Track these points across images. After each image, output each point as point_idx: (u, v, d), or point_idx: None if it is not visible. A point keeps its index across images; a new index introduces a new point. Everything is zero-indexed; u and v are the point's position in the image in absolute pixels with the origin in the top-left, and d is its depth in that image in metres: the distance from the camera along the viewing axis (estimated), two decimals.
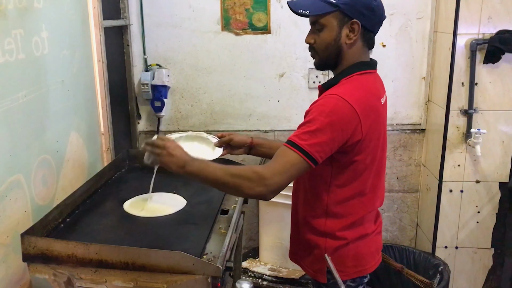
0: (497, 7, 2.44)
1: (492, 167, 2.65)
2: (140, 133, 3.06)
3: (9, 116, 1.52)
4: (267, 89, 2.94)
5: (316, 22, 1.49)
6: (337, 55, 1.50)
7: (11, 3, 1.53)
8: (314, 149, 1.36)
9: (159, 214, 1.69)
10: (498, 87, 2.54)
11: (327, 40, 1.48)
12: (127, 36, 2.82)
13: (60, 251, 1.34)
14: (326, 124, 1.36)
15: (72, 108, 2.02)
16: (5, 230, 1.49)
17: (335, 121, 1.37)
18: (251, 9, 2.81)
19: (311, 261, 1.62)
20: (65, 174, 1.94)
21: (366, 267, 1.61)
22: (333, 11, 1.45)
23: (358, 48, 1.50)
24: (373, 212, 1.62)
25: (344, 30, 1.46)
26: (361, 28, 1.45)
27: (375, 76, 1.55)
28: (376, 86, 1.52)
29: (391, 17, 2.79)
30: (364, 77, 1.49)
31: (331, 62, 1.53)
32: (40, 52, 1.73)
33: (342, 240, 1.55)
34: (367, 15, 1.45)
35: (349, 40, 1.47)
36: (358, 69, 1.49)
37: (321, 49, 1.51)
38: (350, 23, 1.45)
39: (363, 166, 1.49)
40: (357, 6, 1.43)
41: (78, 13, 2.09)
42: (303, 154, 1.36)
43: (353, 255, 1.57)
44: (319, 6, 1.46)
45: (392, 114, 2.95)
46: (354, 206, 1.54)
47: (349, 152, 1.44)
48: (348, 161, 1.46)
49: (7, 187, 1.51)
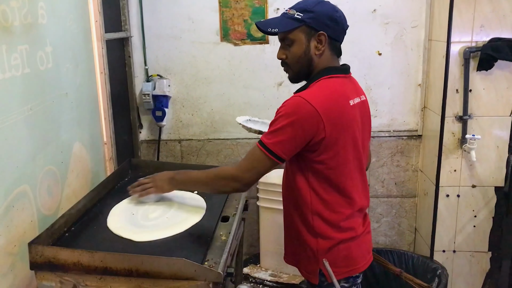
0: (489, 15, 2.49)
1: (487, 172, 2.70)
2: (142, 142, 3.11)
3: (15, 129, 1.57)
4: (266, 98, 3.00)
5: (285, 38, 1.60)
6: (308, 66, 1.60)
7: (17, 20, 1.58)
8: (277, 147, 1.50)
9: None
10: (491, 93, 2.59)
11: (297, 53, 1.59)
12: (129, 48, 2.88)
13: (66, 259, 1.39)
14: (287, 123, 1.48)
15: (75, 119, 2.07)
16: (12, 240, 1.54)
17: (295, 121, 1.47)
18: (249, 20, 2.87)
19: (304, 262, 1.70)
20: (69, 184, 1.99)
21: (358, 266, 1.67)
22: (299, 26, 1.56)
23: (327, 57, 1.60)
24: (360, 213, 1.69)
25: (312, 42, 1.57)
26: (328, 38, 1.56)
27: (344, 80, 1.62)
28: (343, 88, 1.59)
29: (386, 26, 2.86)
30: (331, 80, 1.58)
31: (303, 74, 1.63)
32: (44, 66, 1.78)
33: (332, 241, 1.61)
34: (332, 26, 1.56)
35: (318, 51, 1.57)
36: (325, 73, 1.59)
37: (293, 63, 1.61)
38: (317, 35, 1.56)
39: (334, 164, 1.56)
40: (321, 19, 1.54)
41: (81, 27, 2.14)
42: (267, 151, 1.51)
43: (344, 255, 1.63)
44: (286, 23, 1.57)
45: (389, 120, 3.00)
46: (336, 205, 1.61)
47: (315, 150, 1.53)
48: (318, 160, 1.55)
49: (14, 198, 1.56)
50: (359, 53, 2.90)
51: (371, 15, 2.85)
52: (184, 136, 3.10)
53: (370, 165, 3.05)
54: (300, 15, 1.55)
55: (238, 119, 2.58)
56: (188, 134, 3.10)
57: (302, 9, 1.56)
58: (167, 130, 3.09)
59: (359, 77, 2.90)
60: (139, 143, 3.09)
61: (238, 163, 1.59)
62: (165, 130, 3.09)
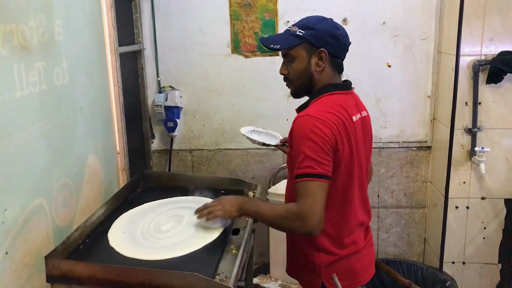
0: (498, 29, 2.51)
1: (497, 184, 2.71)
2: (153, 152, 3.16)
3: (32, 144, 1.62)
4: (276, 109, 3.03)
5: (287, 54, 1.64)
6: (309, 82, 1.63)
7: (35, 38, 1.63)
8: (318, 168, 1.46)
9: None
10: (501, 106, 2.60)
11: (298, 69, 1.62)
12: (141, 60, 2.94)
13: (81, 272, 1.43)
14: (313, 145, 1.47)
15: (90, 132, 2.11)
16: (29, 252, 1.58)
17: (317, 140, 1.47)
18: (259, 33, 2.91)
19: (306, 275, 1.71)
20: (84, 196, 2.04)
21: (360, 279, 1.69)
22: (301, 43, 1.59)
23: (328, 73, 1.62)
24: (361, 227, 1.71)
25: (313, 59, 1.60)
26: (329, 55, 1.59)
27: (345, 96, 1.64)
28: (345, 104, 1.60)
29: (396, 39, 2.88)
30: (332, 97, 1.60)
31: (305, 89, 1.66)
32: (60, 82, 1.83)
33: (334, 256, 1.63)
34: (332, 43, 1.58)
35: (319, 68, 1.60)
36: (326, 90, 1.61)
37: (295, 78, 1.64)
38: (318, 52, 1.58)
39: (338, 179, 1.57)
40: (322, 36, 1.57)
41: (95, 41, 2.19)
42: (313, 177, 1.45)
43: (346, 269, 1.65)
44: (288, 39, 1.61)
45: (399, 131, 3.02)
46: (338, 220, 1.62)
47: None
48: None
49: (31, 211, 1.60)
50: (369, 65, 2.93)
51: (381, 27, 2.88)
52: (195, 146, 3.14)
53: (380, 176, 3.08)
54: (302, 32, 1.58)
55: (242, 130, 2.52)
56: (199, 144, 3.14)
57: (304, 26, 1.59)
58: (178, 140, 3.14)
59: (368, 88, 2.95)
60: (151, 153, 3.14)
61: (299, 204, 1.47)
62: (177, 140, 3.14)
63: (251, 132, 2.58)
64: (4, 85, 1.45)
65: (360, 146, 1.64)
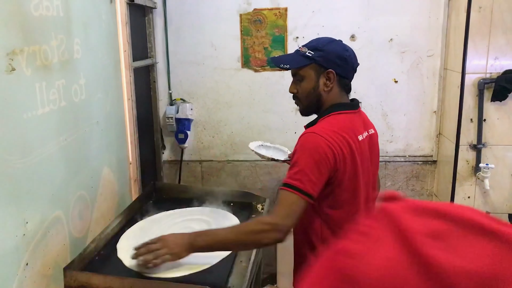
0: (503, 48, 2.56)
1: (501, 199, 2.75)
2: (164, 163, 3.23)
3: (51, 159, 1.69)
4: (284, 122, 3.09)
5: (297, 74, 1.69)
6: (317, 101, 1.69)
7: (55, 57, 1.71)
8: (308, 185, 1.50)
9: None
10: (506, 123, 2.65)
11: (307, 89, 1.67)
12: (154, 73, 3.01)
13: (98, 284, 1.50)
14: (311, 161, 1.52)
15: (104, 145, 2.19)
16: (47, 263, 1.65)
17: (317, 158, 1.52)
18: (269, 48, 2.98)
19: None
20: (98, 207, 2.11)
21: None
22: (309, 63, 1.65)
23: (336, 93, 1.68)
24: None
25: (321, 79, 1.65)
26: (337, 76, 1.64)
27: (352, 116, 1.69)
28: (352, 124, 1.66)
29: (402, 55, 2.94)
30: (340, 116, 1.65)
31: (313, 108, 1.72)
32: (78, 98, 1.90)
33: None
34: (341, 64, 1.64)
35: (327, 88, 1.65)
36: (333, 110, 1.66)
37: (303, 97, 1.70)
38: (326, 73, 1.64)
39: (343, 197, 1.62)
40: (330, 57, 1.63)
41: (111, 58, 2.27)
42: (299, 192, 1.50)
43: None
44: (297, 60, 1.67)
45: (405, 146, 3.07)
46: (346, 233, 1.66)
47: (329, 183, 1.59)
48: (329, 191, 1.61)
49: (50, 223, 1.67)
50: (376, 80, 2.99)
51: (388, 44, 2.94)
52: (205, 157, 3.21)
53: (386, 189, 3.12)
54: (311, 53, 1.64)
55: (251, 145, 2.58)
56: (209, 155, 3.21)
57: (313, 47, 1.65)
58: (188, 151, 3.21)
59: (375, 103, 3.01)
60: (161, 163, 3.21)
61: (272, 212, 1.53)
62: (187, 151, 3.21)
63: (260, 147, 2.64)
64: (27, 103, 1.52)
65: (366, 164, 1.69)
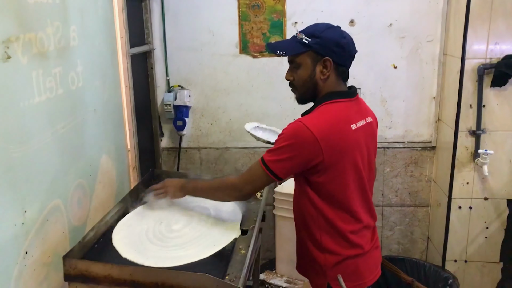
0: (503, 33, 2.54)
1: (499, 185, 2.75)
2: (163, 150, 3.22)
3: (49, 147, 1.68)
4: (283, 109, 3.08)
5: (293, 61, 1.68)
6: (313, 90, 1.67)
7: (52, 45, 1.69)
8: (275, 165, 1.60)
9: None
10: (505, 109, 2.64)
11: (303, 76, 1.66)
12: (151, 60, 2.99)
13: (97, 272, 1.50)
14: (286, 145, 1.57)
15: (102, 133, 2.17)
16: (47, 251, 1.65)
17: (293, 144, 1.56)
18: (267, 33, 2.96)
19: (313, 276, 1.78)
20: (97, 195, 2.10)
21: (365, 281, 1.74)
22: (306, 51, 1.62)
23: (333, 81, 1.66)
24: (367, 230, 1.75)
25: (318, 67, 1.63)
26: (333, 63, 1.62)
27: (347, 104, 1.67)
28: (346, 113, 1.64)
29: (402, 40, 2.92)
30: (333, 105, 1.63)
31: (309, 96, 1.70)
32: (75, 86, 1.88)
33: (340, 256, 1.68)
34: (338, 52, 1.61)
35: (323, 76, 1.63)
36: (329, 98, 1.64)
37: (299, 85, 1.68)
38: (323, 61, 1.62)
39: (334, 185, 1.63)
40: (327, 45, 1.60)
41: (108, 44, 2.24)
42: (266, 169, 1.61)
43: (351, 270, 1.70)
44: (294, 47, 1.65)
45: (404, 132, 3.07)
46: (342, 221, 1.67)
47: (316, 172, 1.61)
48: (319, 181, 1.62)
49: (49, 212, 1.67)
50: (375, 66, 2.97)
51: (387, 29, 2.91)
52: (203, 144, 3.20)
53: (385, 175, 3.14)
54: (308, 40, 1.61)
55: (247, 126, 2.57)
56: (207, 142, 3.20)
57: (310, 34, 1.62)
58: (187, 138, 3.20)
59: (374, 89, 3.00)
60: (160, 151, 3.20)
61: (241, 174, 1.72)
62: (185, 138, 3.20)
63: (256, 128, 2.61)
64: (24, 92, 1.50)
65: (358, 153, 1.67)
